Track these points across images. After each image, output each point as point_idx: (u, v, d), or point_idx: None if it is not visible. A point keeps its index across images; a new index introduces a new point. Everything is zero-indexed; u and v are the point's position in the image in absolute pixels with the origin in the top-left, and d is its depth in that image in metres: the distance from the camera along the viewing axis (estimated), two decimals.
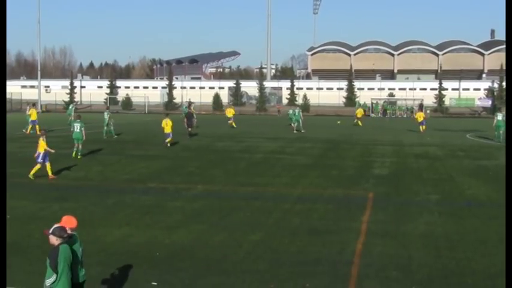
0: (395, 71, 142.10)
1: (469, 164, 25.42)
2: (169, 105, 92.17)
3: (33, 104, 49.02)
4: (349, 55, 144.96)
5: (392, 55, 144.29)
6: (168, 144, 31.84)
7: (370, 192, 18.15)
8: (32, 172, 20.40)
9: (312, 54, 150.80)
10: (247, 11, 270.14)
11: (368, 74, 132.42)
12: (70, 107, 54.42)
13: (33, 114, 42.79)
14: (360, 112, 59.35)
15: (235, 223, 13.83)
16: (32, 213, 14.66)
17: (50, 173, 20.59)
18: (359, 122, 56.41)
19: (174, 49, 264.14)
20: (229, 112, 50.14)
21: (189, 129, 39.43)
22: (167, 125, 32.57)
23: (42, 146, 20.98)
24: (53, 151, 21.26)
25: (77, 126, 27.60)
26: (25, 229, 12.90)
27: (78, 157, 26.53)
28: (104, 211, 14.98)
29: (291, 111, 51.75)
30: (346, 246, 11.82)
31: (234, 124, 47.77)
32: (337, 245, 11.92)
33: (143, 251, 11.25)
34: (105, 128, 34.98)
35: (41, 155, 20.89)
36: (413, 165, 25.35)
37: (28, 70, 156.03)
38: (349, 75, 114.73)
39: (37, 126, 41.45)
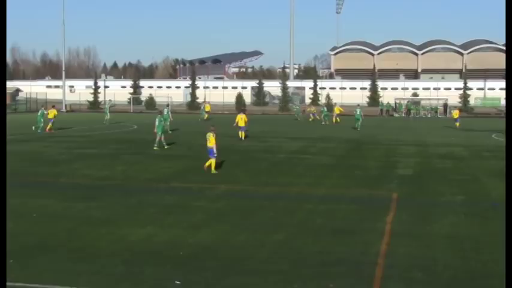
0: (419, 70, 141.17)
1: (495, 165, 25.12)
2: (192, 105, 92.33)
3: (53, 106, 49.94)
4: (373, 55, 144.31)
5: (416, 54, 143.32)
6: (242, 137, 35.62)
7: (394, 193, 18.02)
8: (209, 165, 21.77)
9: (335, 54, 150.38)
10: (270, 11, 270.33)
11: (391, 74, 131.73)
12: (107, 106, 56.11)
13: (51, 113, 44.08)
14: (337, 109, 61.29)
15: (258, 223, 13.81)
16: (57, 212, 14.76)
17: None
18: (337, 119, 58.38)
19: (197, 49, 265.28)
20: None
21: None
22: (242, 119, 36.39)
23: (211, 141, 21.94)
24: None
25: (157, 121, 30.30)
26: (50, 228, 12.99)
27: (156, 148, 29.27)
28: (127, 210, 15.05)
29: (324, 109, 61.32)
30: (370, 246, 11.74)
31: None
32: (361, 245, 11.84)
33: (167, 250, 11.27)
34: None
35: (213, 149, 21.90)
36: (438, 165, 25.13)
37: (53, 70, 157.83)
38: (373, 75, 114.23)
39: (50, 124, 42.92)
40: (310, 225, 13.63)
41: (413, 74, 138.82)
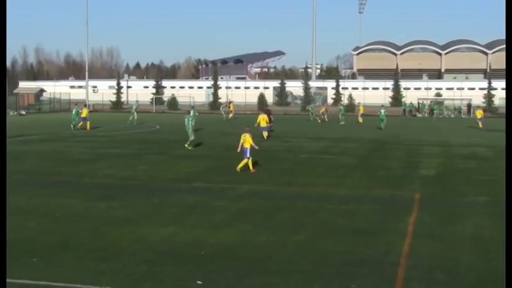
0: (443, 70, 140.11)
1: None
2: (214, 105, 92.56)
3: (85, 105, 51.55)
4: (395, 54, 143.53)
5: (440, 54, 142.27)
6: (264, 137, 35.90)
7: (417, 193, 17.88)
8: (242, 166, 22.05)
9: (357, 54, 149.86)
10: (292, 10, 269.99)
11: (414, 74, 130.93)
12: (134, 107, 57.05)
13: (84, 111, 45.93)
14: (362, 109, 61.72)
15: (279, 223, 13.79)
16: (80, 211, 14.86)
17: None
18: (361, 119, 58.49)
19: (219, 49, 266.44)
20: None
21: (271, 124, 42.24)
22: (263, 119, 36.80)
23: (248, 142, 22.39)
24: (256, 147, 22.74)
25: (186, 120, 30.98)
26: (73, 227, 13.08)
27: (189, 148, 29.73)
28: (149, 210, 15.11)
29: (342, 108, 61.85)
30: (392, 247, 11.66)
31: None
32: (383, 246, 11.77)
33: (188, 250, 11.29)
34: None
35: (248, 150, 22.36)
36: (461, 166, 24.91)
37: (76, 70, 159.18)
38: (395, 75, 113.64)
39: (88, 122, 44.73)
40: (331, 226, 13.57)
41: (436, 74, 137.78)
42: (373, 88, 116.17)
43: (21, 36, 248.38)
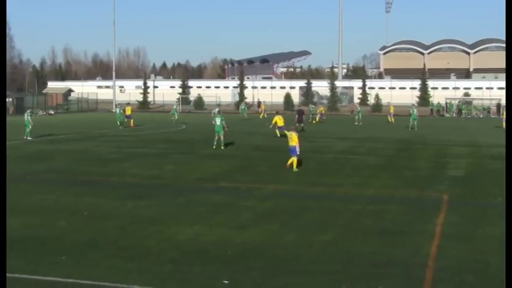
0: (471, 69, 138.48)
1: None
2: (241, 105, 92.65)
3: (128, 103, 55.67)
4: (423, 54, 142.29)
5: (468, 53, 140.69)
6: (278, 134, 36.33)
7: (445, 194, 17.71)
8: (291, 164, 22.34)
9: (384, 54, 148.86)
10: (318, 10, 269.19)
11: (442, 73, 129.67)
12: (175, 107, 59.13)
13: (128, 109, 50.40)
14: (392, 108, 60.78)
15: (306, 223, 13.75)
16: (107, 210, 14.98)
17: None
18: (391, 119, 58.37)
19: (245, 49, 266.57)
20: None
21: (302, 124, 43.41)
22: (280, 119, 37.21)
23: (294, 140, 22.58)
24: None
25: (218, 120, 30.84)
26: (101, 226, 13.19)
27: (222, 148, 29.70)
28: (176, 209, 15.17)
29: (359, 108, 60.05)
30: (420, 248, 11.56)
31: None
32: (411, 247, 11.67)
33: (215, 249, 11.32)
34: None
35: (296, 148, 22.59)
36: (490, 166, 24.61)
37: (103, 71, 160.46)
38: (423, 75, 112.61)
39: (132, 120, 48.67)
40: (358, 226, 13.50)
41: (464, 74, 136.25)
42: (400, 88, 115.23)
43: (49, 37, 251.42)
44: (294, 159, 22.42)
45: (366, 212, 15.12)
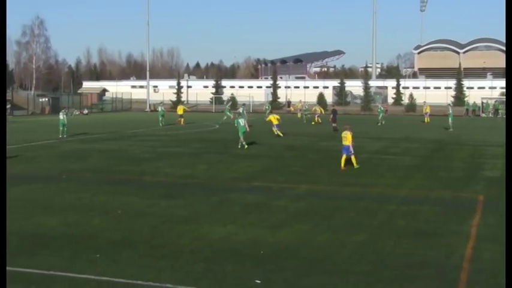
0: None
1: None
2: (274, 105, 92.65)
3: (182, 102, 57.05)
4: (458, 53, 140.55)
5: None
6: (280, 134, 36.89)
7: (480, 195, 17.45)
8: (345, 163, 22.86)
9: (418, 53, 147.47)
10: (352, 10, 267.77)
11: (478, 73, 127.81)
12: (227, 107, 60.74)
13: (180, 109, 53.98)
14: (428, 108, 60.18)
15: (338, 223, 13.68)
16: (141, 209, 15.09)
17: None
18: (428, 119, 57.82)
19: (278, 49, 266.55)
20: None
21: (334, 124, 43.27)
22: (274, 118, 38.05)
23: (348, 139, 23.03)
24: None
25: (242, 121, 31.12)
26: (134, 224, 13.29)
27: (246, 148, 29.92)
28: (209, 209, 15.22)
29: (380, 108, 59.23)
30: (455, 250, 11.41)
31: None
32: (445, 248, 11.52)
33: (247, 249, 11.33)
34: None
35: (350, 147, 23.05)
36: None
37: (137, 71, 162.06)
38: (458, 74, 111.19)
39: (182, 119, 51.85)
40: (392, 227, 13.38)
41: (501, 73, 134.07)
42: (435, 87, 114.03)
43: (85, 37, 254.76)
44: (352, 157, 22.86)
45: (399, 212, 14.98)
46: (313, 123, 54.78)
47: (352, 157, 22.90)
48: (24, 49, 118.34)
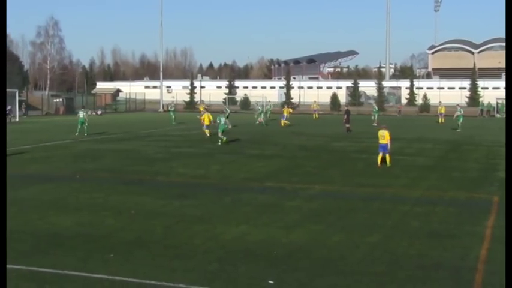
0: None
1: None
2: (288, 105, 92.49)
3: (202, 101, 57.03)
4: (473, 53, 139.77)
5: None
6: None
7: (495, 196, 17.32)
8: (381, 161, 23.55)
9: (432, 53, 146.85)
10: (365, 9, 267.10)
11: (493, 73, 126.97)
12: (268, 107, 61.37)
13: (206, 118, 52.87)
14: (443, 108, 59.60)
15: (352, 224, 13.63)
16: (154, 209, 15.12)
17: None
18: (443, 119, 57.67)
19: (291, 49, 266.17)
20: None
21: (347, 125, 43.26)
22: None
23: (386, 138, 23.59)
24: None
25: (222, 119, 33.01)
26: (148, 224, 13.31)
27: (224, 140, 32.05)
28: (222, 209, 15.22)
29: (375, 108, 59.72)
30: (469, 251, 11.33)
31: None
32: (460, 250, 11.45)
33: (260, 249, 11.31)
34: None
35: (388, 145, 23.65)
36: None
37: (151, 71, 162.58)
38: (473, 74, 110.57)
39: (208, 130, 50.65)
40: (405, 228, 13.31)
41: None
42: (449, 88, 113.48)
43: (98, 38, 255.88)
44: (386, 156, 23.34)
45: (413, 213, 14.91)
46: (374, 124, 52.85)
47: (387, 156, 23.33)
48: (39, 50, 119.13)
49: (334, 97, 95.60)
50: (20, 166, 23.44)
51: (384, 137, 23.35)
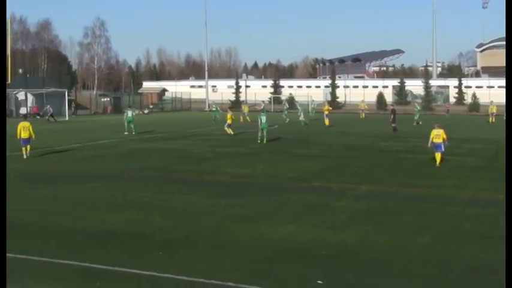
0: None
1: None
2: (333, 104, 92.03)
3: (245, 102, 58.90)
4: None
5: None
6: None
7: None
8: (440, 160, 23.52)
9: (481, 51, 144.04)
10: (411, 8, 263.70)
11: None
12: (313, 107, 63.66)
13: (246, 108, 57.01)
14: (495, 108, 59.28)
15: (401, 225, 13.45)
16: (201, 208, 15.19)
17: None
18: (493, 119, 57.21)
19: (336, 48, 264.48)
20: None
21: (393, 124, 42.69)
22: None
23: (442, 137, 23.70)
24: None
25: (263, 118, 33.18)
26: (195, 223, 13.39)
27: (264, 143, 32.25)
28: (269, 208, 15.20)
29: (416, 107, 59.33)
30: None
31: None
32: None
33: (308, 249, 11.24)
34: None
35: (442, 145, 23.83)
36: None
37: (196, 70, 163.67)
38: None
39: (247, 117, 53.86)
40: (456, 229, 13.07)
41: None
42: (499, 87, 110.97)
43: (144, 38, 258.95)
44: (439, 155, 23.29)
45: (464, 215, 14.63)
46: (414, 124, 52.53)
47: (439, 155, 23.36)
48: (86, 50, 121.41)
49: (380, 96, 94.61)
50: (70, 164, 23.92)
51: (439, 135, 23.09)
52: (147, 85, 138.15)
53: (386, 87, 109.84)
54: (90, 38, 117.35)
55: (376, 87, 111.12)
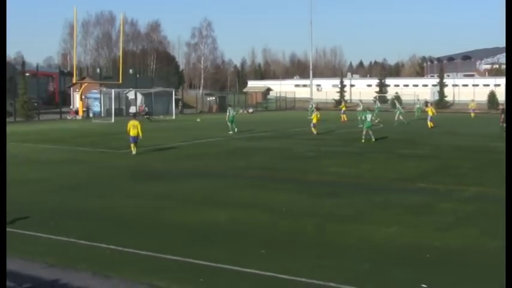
0: None
1: None
2: (440, 103, 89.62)
3: (345, 101, 58.83)
4: None
5: None
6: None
7: None
8: None
9: None
10: None
11: None
12: (418, 106, 61.30)
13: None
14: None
15: None
16: (305, 207, 15.20)
17: None
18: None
19: (445, 46, 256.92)
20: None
21: (504, 125, 40.25)
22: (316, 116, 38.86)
23: None
24: None
25: (368, 116, 33.87)
26: (299, 222, 13.41)
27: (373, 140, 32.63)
28: (372, 209, 14.99)
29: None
30: None
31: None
32: None
33: (412, 251, 10.99)
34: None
35: None
36: None
37: (301, 70, 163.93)
38: None
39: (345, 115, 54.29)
40: None
41: None
42: None
43: (249, 38, 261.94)
44: None
45: None
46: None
47: None
48: (193, 50, 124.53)
49: (492, 95, 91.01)
50: (176, 162, 24.60)
51: None
52: (252, 84, 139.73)
53: (499, 85, 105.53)
54: (197, 39, 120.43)
55: (488, 85, 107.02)
